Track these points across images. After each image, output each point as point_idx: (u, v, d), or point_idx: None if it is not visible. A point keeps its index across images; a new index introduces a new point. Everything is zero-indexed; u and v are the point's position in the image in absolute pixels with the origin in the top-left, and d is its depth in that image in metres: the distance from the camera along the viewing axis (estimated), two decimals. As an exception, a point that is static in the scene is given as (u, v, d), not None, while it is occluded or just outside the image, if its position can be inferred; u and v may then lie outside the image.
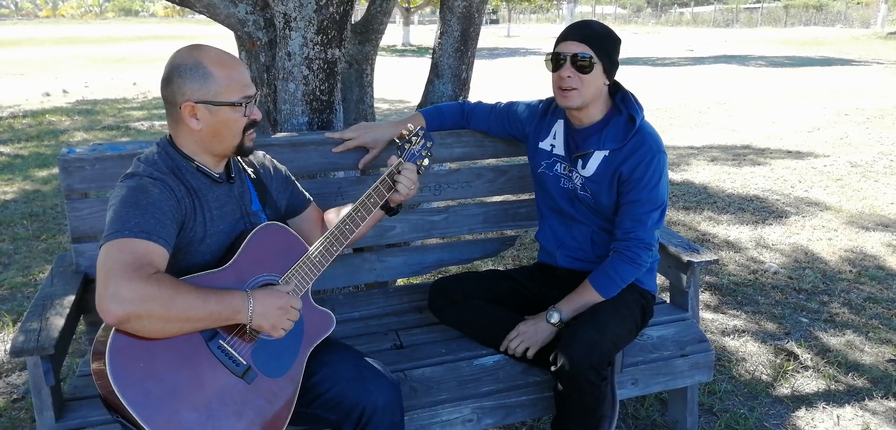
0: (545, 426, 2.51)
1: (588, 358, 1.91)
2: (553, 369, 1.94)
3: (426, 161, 2.03)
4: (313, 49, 2.47)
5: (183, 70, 1.62)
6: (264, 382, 1.62)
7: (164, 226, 1.53)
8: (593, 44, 2.04)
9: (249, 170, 1.87)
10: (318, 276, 1.79)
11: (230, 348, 1.58)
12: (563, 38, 2.09)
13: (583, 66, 2.04)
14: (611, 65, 2.09)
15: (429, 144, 2.04)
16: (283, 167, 2.01)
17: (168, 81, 1.64)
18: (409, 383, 2.02)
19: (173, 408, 1.46)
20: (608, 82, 2.13)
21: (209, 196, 1.69)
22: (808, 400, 2.72)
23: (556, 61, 2.09)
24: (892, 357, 3.03)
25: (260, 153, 1.98)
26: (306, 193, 2.05)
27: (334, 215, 1.99)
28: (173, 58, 1.66)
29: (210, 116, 1.64)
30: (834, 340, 3.19)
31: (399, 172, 1.89)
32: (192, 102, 1.62)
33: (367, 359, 1.84)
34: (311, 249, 1.79)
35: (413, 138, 2.01)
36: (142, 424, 1.41)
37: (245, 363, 1.60)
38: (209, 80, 1.62)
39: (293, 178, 2.03)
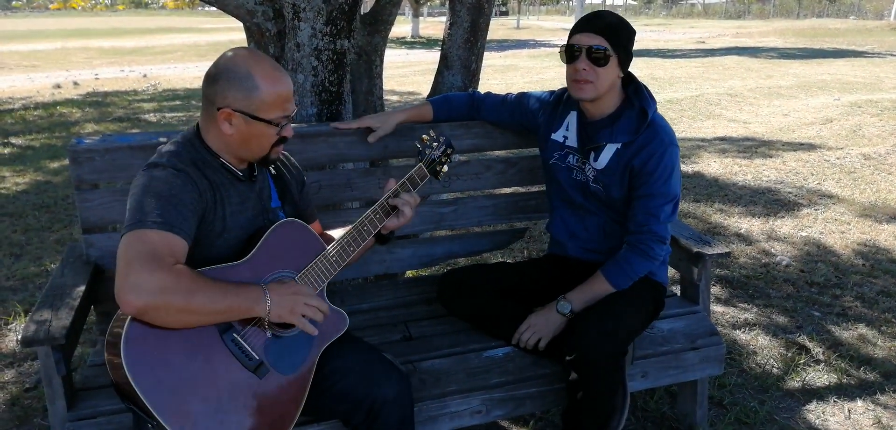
0: (554, 417, 2.51)
1: (606, 347, 1.91)
2: (569, 358, 1.93)
3: (446, 166, 2.01)
4: (322, 40, 2.46)
5: (232, 76, 1.60)
6: (275, 378, 1.62)
7: (184, 218, 1.53)
8: (609, 36, 2.02)
9: (271, 167, 1.87)
10: (334, 275, 1.78)
11: (244, 343, 1.58)
12: (577, 29, 2.07)
13: (598, 59, 2.02)
14: (626, 57, 2.07)
15: (448, 150, 2.00)
16: (301, 171, 2.01)
17: (214, 79, 1.62)
18: (419, 374, 2.02)
19: (184, 398, 1.46)
20: (622, 74, 2.11)
21: (230, 191, 1.69)
22: (819, 394, 2.70)
23: (570, 53, 2.07)
24: (905, 351, 3.00)
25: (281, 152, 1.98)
26: (314, 207, 2.05)
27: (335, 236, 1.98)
28: (225, 59, 1.63)
29: (245, 126, 1.63)
30: (846, 333, 3.17)
31: (397, 196, 1.87)
32: (231, 110, 1.61)
33: (377, 352, 1.84)
34: (328, 248, 1.79)
35: (433, 143, 1.98)
36: (153, 412, 1.41)
37: (258, 357, 1.60)
38: (255, 93, 1.60)
39: (307, 186, 2.03)
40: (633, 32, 2.10)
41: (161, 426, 1.43)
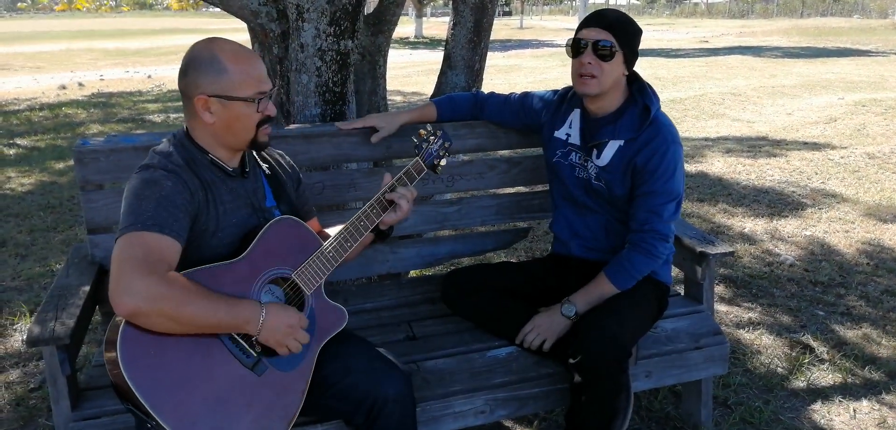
0: (558, 417, 2.50)
1: (610, 351, 1.90)
2: (572, 361, 1.93)
3: (444, 161, 2.01)
4: (326, 40, 2.47)
5: (198, 63, 1.63)
6: (274, 375, 1.63)
7: (176, 219, 1.54)
8: (615, 32, 2.03)
9: (264, 165, 1.87)
10: (332, 271, 1.79)
11: (241, 340, 1.58)
12: (584, 24, 2.09)
13: (603, 54, 2.02)
14: (631, 54, 2.08)
15: (447, 144, 2.01)
16: (297, 169, 2.01)
17: (184, 73, 1.65)
18: (422, 374, 2.02)
19: (182, 397, 1.46)
20: (627, 72, 2.11)
21: (222, 189, 1.69)
22: (823, 393, 2.69)
23: (576, 47, 2.07)
24: (910, 351, 2.99)
25: (275, 151, 1.98)
26: (311, 205, 2.05)
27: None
28: (190, 50, 1.67)
29: (223, 109, 1.64)
30: (850, 333, 3.16)
31: (393, 190, 1.86)
32: (206, 96, 1.63)
33: (379, 350, 1.84)
34: (325, 244, 1.79)
35: (430, 138, 1.99)
36: (151, 412, 1.42)
37: (255, 355, 1.60)
38: (223, 74, 1.62)
39: (303, 185, 2.03)
40: (639, 31, 2.11)
41: (160, 426, 1.43)
